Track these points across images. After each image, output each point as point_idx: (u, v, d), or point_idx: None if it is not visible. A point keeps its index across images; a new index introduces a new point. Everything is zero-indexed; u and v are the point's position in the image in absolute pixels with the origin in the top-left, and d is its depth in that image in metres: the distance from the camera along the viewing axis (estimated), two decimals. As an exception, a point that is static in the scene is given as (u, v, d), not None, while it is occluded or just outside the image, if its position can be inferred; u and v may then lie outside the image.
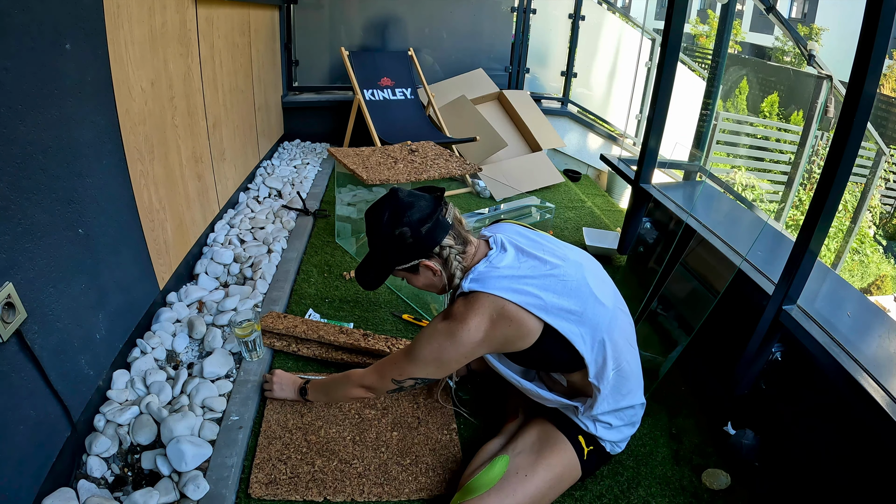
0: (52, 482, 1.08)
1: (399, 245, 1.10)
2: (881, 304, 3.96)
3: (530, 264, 1.12)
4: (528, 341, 1.09)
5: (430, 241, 1.10)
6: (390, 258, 1.13)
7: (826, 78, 3.33)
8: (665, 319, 1.83)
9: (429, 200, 1.12)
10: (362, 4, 3.57)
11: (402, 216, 1.09)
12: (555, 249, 1.17)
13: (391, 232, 1.09)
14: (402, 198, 1.11)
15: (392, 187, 1.16)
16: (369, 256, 1.18)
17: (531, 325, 1.08)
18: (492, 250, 1.15)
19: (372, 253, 1.17)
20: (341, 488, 1.20)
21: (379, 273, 1.17)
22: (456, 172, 2.16)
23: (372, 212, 1.14)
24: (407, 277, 1.18)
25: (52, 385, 1.07)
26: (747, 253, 1.57)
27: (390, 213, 1.10)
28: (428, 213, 1.10)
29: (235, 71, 2.38)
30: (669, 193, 2.06)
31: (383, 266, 1.16)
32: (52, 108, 1.07)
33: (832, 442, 1.30)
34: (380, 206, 1.13)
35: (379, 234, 1.12)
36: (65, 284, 1.13)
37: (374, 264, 1.17)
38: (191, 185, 1.87)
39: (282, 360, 1.59)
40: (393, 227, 1.09)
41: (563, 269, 1.12)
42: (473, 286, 1.09)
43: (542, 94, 4.08)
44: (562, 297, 1.09)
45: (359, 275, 1.20)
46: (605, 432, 1.19)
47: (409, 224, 1.09)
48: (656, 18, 13.89)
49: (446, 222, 1.13)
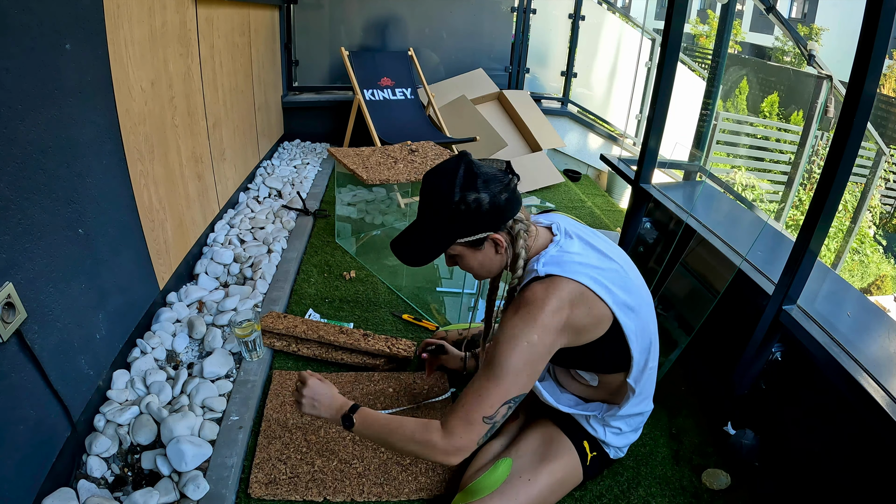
0: (52, 482, 1.08)
1: (472, 213, 0.97)
2: (881, 304, 3.96)
3: (596, 256, 1.05)
4: (596, 334, 1.03)
5: (507, 212, 1.00)
6: (457, 227, 0.99)
7: (826, 78, 3.34)
8: (665, 319, 1.83)
9: (495, 168, 1.02)
10: (362, 4, 3.57)
11: (477, 180, 0.97)
12: (608, 245, 1.11)
13: (465, 196, 0.96)
14: (474, 160, 1.00)
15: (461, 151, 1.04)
16: (422, 225, 1.03)
17: (605, 317, 1.02)
18: (556, 236, 1.06)
19: (428, 221, 1.02)
20: (341, 488, 1.20)
21: (436, 245, 1.03)
22: (456, 172, 2.15)
23: (439, 172, 1.00)
24: (461, 254, 1.04)
25: (52, 385, 1.07)
26: (747, 253, 1.57)
27: (465, 174, 0.97)
28: (506, 182, 0.99)
29: (235, 71, 2.38)
30: (669, 193, 2.06)
31: (444, 236, 1.01)
32: (52, 108, 1.07)
33: (832, 442, 1.30)
34: (450, 166, 0.99)
35: (447, 199, 0.97)
36: (65, 284, 1.13)
37: (429, 234, 1.02)
38: (191, 185, 1.87)
39: (282, 360, 1.59)
40: (468, 190, 0.97)
41: (622, 265, 1.08)
42: (551, 269, 0.99)
43: (542, 94, 4.08)
44: (626, 293, 1.04)
45: (404, 248, 1.05)
46: (612, 438, 1.19)
47: (487, 191, 0.97)
48: (656, 18, 13.89)
49: (519, 195, 1.04)
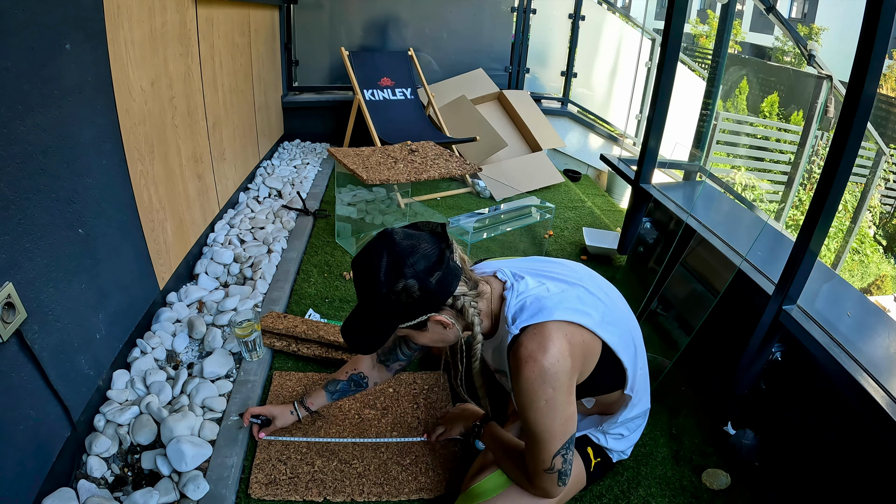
0: (52, 482, 1.08)
1: (404, 301, 0.91)
2: (881, 304, 3.96)
3: (552, 284, 1.01)
4: (593, 363, 1.01)
5: (442, 293, 0.93)
6: (392, 318, 0.94)
7: (826, 78, 3.34)
8: (665, 319, 1.83)
9: (430, 241, 0.93)
10: (362, 4, 3.57)
11: (403, 265, 0.89)
12: (554, 266, 1.09)
13: (393, 287, 0.90)
14: (399, 241, 0.91)
15: (384, 229, 0.95)
16: (361, 316, 0.98)
17: (594, 343, 1.00)
18: (507, 282, 1.02)
19: (365, 312, 0.96)
20: (341, 488, 1.20)
21: (377, 336, 0.97)
22: (456, 172, 2.16)
23: (363, 262, 0.93)
24: (409, 335, 1.00)
25: (52, 385, 1.07)
26: (747, 253, 1.57)
27: (389, 262, 0.90)
28: (435, 258, 0.92)
29: (235, 71, 2.38)
30: (669, 193, 2.06)
31: (384, 324, 0.95)
32: (52, 108, 1.07)
33: (832, 442, 1.30)
34: (372, 253, 0.92)
35: (375, 292, 0.91)
36: (65, 284, 1.13)
37: (369, 326, 0.96)
38: (191, 185, 1.87)
39: (282, 360, 1.59)
40: (394, 280, 0.89)
41: (581, 282, 1.05)
42: (525, 321, 0.95)
43: (542, 94, 4.08)
44: (598, 310, 1.01)
45: (350, 339, 0.99)
46: (615, 443, 1.19)
47: (414, 275, 0.90)
48: (656, 18, 13.89)
49: (456, 266, 0.96)
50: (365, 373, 1.27)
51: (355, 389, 1.28)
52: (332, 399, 1.29)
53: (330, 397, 1.29)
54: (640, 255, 2.21)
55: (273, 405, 1.31)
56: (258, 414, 1.28)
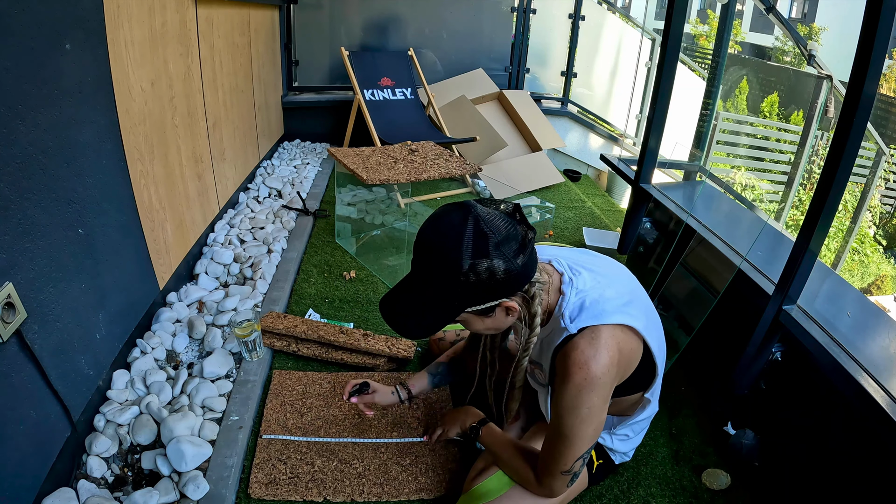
0: (52, 482, 1.08)
1: (484, 283, 0.83)
2: (881, 304, 3.96)
3: (605, 283, 0.98)
4: (634, 366, 0.99)
5: (524, 277, 0.87)
6: (465, 298, 0.85)
7: (826, 78, 3.33)
8: (665, 319, 1.82)
9: (507, 219, 0.85)
10: (362, 4, 3.57)
11: (488, 242, 0.82)
12: (604, 264, 1.06)
13: (475, 265, 0.81)
14: (484, 216, 0.83)
15: (463, 201, 0.87)
16: (422, 293, 0.88)
17: (639, 346, 0.98)
18: (564, 275, 0.98)
19: (429, 289, 0.86)
20: (341, 488, 1.20)
21: (440, 316, 0.88)
22: (456, 172, 2.16)
23: (440, 233, 0.84)
24: (466, 320, 0.91)
25: (52, 385, 1.07)
26: (747, 253, 1.57)
27: (475, 237, 0.82)
28: (520, 240, 0.85)
29: (235, 71, 2.38)
30: (669, 193, 2.06)
31: (449, 307, 0.87)
32: (52, 108, 1.07)
33: (832, 442, 1.30)
34: (454, 225, 0.83)
35: (453, 268, 0.81)
36: (65, 284, 1.13)
37: (431, 304, 0.87)
38: (191, 185, 1.87)
39: (282, 360, 1.59)
40: (479, 257, 0.81)
41: (630, 284, 1.04)
42: (583, 322, 0.91)
43: (542, 94, 4.08)
44: (639, 310, 0.99)
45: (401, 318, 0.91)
46: (619, 444, 1.18)
47: (502, 256, 0.82)
48: (656, 18, 13.89)
49: (535, 252, 0.90)
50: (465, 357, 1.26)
51: (454, 376, 1.27)
52: (433, 383, 1.27)
53: (431, 380, 1.27)
54: (640, 255, 2.21)
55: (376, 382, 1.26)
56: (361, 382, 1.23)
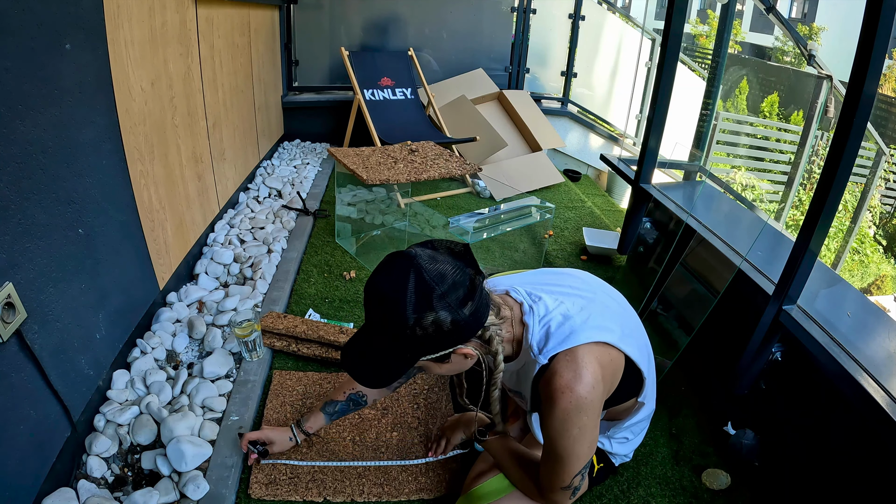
0: (52, 482, 1.08)
1: (431, 335, 0.81)
2: (881, 304, 3.96)
3: (573, 302, 0.96)
4: (618, 380, 0.97)
5: (474, 325, 0.85)
6: (414, 352, 0.85)
7: (826, 78, 3.33)
8: (665, 319, 1.83)
9: (455, 264, 0.84)
10: (362, 4, 3.57)
11: (432, 295, 0.80)
12: (565, 279, 1.05)
13: (421, 320, 0.80)
14: (426, 266, 0.81)
15: (404, 251, 0.85)
16: (374, 347, 0.87)
17: (621, 360, 0.96)
18: (524, 304, 0.96)
19: (381, 344, 0.86)
20: (341, 488, 1.20)
21: (392, 370, 0.88)
22: (456, 172, 2.16)
23: (384, 288, 0.82)
24: (425, 367, 0.90)
25: (52, 385, 1.07)
26: (747, 253, 1.57)
27: (417, 291, 0.80)
28: (467, 286, 0.83)
29: (235, 71, 2.38)
30: (669, 193, 2.06)
31: (403, 359, 0.86)
32: (52, 108, 1.07)
33: (832, 442, 1.30)
34: (396, 279, 0.81)
35: (399, 324, 0.80)
36: (65, 284, 1.13)
37: (383, 359, 0.87)
38: (191, 185, 1.87)
39: (282, 360, 1.59)
40: (423, 312, 0.80)
41: (594, 296, 1.01)
42: (553, 350, 0.90)
43: (542, 94, 4.08)
44: (618, 322, 0.97)
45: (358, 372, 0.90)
46: (619, 447, 1.18)
47: (447, 307, 0.81)
48: (656, 18, 13.88)
49: (486, 295, 0.88)
50: (363, 391, 1.23)
51: (354, 408, 1.24)
52: (330, 420, 1.25)
53: (328, 419, 1.24)
54: (640, 255, 2.21)
55: (269, 429, 1.25)
56: (255, 440, 1.21)
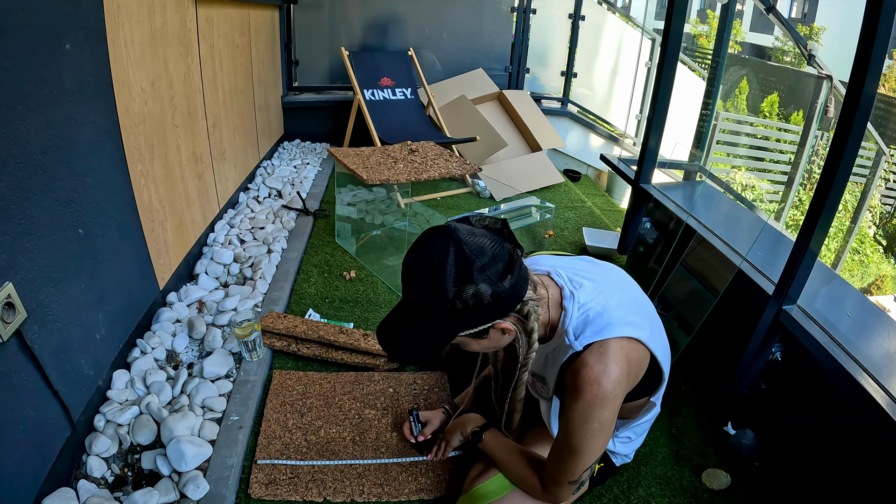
0: (52, 482, 1.08)
1: (472, 308, 0.81)
2: (881, 304, 3.95)
3: (609, 293, 0.96)
4: (640, 377, 0.97)
5: (513, 299, 0.84)
6: (455, 323, 0.84)
7: (826, 78, 3.33)
8: (665, 319, 1.82)
9: (494, 239, 0.84)
10: (362, 4, 3.57)
11: (472, 267, 0.80)
12: (604, 271, 1.04)
13: (462, 293, 0.80)
14: (465, 239, 0.81)
15: (442, 224, 0.84)
16: (413, 322, 0.86)
17: (646, 355, 0.96)
18: (564, 288, 0.95)
19: (420, 319, 0.85)
20: (341, 488, 1.20)
21: (434, 343, 0.87)
22: (456, 172, 2.16)
23: (423, 262, 0.83)
24: (463, 342, 0.90)
25: (52, 385, 1.07)
26: (747, 253, 1.57)
27: (457, 264, 0.80)
28: (506, 260, 0.83)
29: (235, 71, 2.38)
30: (669, 193, 2.06)
31: (441, 334, 0.86)
32: (52, 108, 1.07)
33: (832, 442, 1.30)
34: (435, 252, 0.81)
35: (439, 297, 0.80)
36: (65, 284, 1.13)
37: (423, 332, 0.86)
38: (191, 185, 1.87)
39: (282, 360, 1.59)
40: (464, 285, 0.80)
41: (630, 292, 1.02)
42: (589, 339, 0.90)
43: (542, 94, 4.08)
44: (643, 317, 0.97)
45: (397, 349, 0.90)
46: (621, 447, 1.18)
47: (487, 280, 0.80)
48: (656, 18, 13.87)
49: (525, 269, 0.88)
50: None
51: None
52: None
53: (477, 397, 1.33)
54: (640, 255, 2.21)
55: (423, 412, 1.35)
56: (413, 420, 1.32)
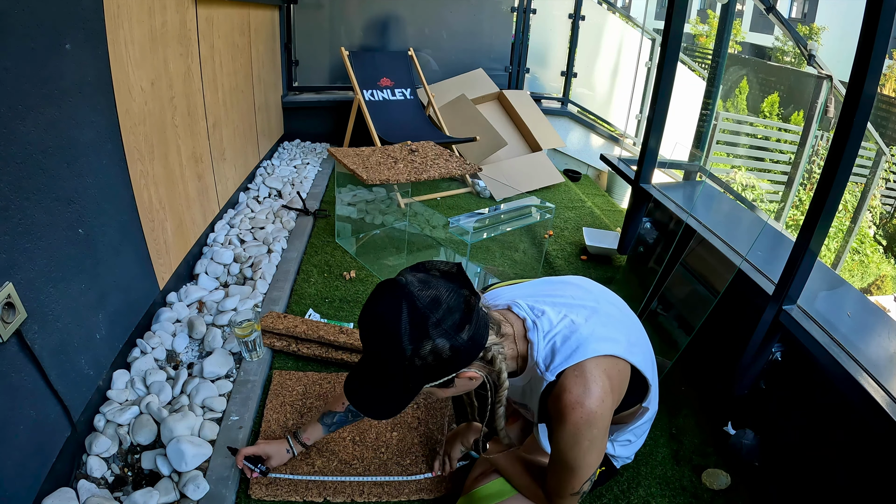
0: (52, 482, 1.08)
1: (431, 364, 0.80)
2: (881, 304, 3.95)
3: (577, 314, 0.95)
4: (625, 390, 0.96)
5: (474, 349, 0.83)
6: (420, 378, 0.83)
7: (826, 78, 3.34)
8: (665, 319, 1.83)
9: (448, 287, 0.82)
10: (362, 4, 3.57)
11: (428, 324, 0.78)
12: (567, 290, 1.03)
13: (419, 351, 0.78)
14: (418, 293, 0.79)
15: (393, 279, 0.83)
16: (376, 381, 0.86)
17: (627, 371, 0.95)
18: (527, 320, 0.95)
19: (381, 377, 0.84)
20: (341, 488, 1.20)
21: (401, 398, 0.86)
22: (456, 172, 2.16)
23: (377, 322, 0.81)
24: (431, 392, 0.89)
25: (52, 385, 1.07)
26: (747, 253, 1.57)
27: (411, 322, 0.78)
28: (462, 310, 0.81)
29: (235, 71, 2.38)
30: (669, 193, 2.06)
31: (406, 390, 0.85)
32: (52, 108, 1.07)
33: (832, 442, 1.30)
34: (388, 311, 0.79)
35: (396, 357, 0.79)
36: (65, 284, 1.13)
37: (388, 392, 0.85)
38: (191, 185, 1.87)
39: (282, 360, 1.59)
40: (420, 342, 0.78)
41: (597, 305, 0.99)
42: (561, 367, 0.89)
43: (542, 94, 4.08)
44: (623, 332, 0.96)
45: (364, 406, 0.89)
46: (622, 450, 1.18)
47: (443, 334, 0.79)
48: (656, 18, 13.87)
49: (484, 315, 0.86)
50: None
51: (353, 419, 1.22)
52: (328, 432, 1.23)
53: (326, 430, 1.22)
54: (640, 255, 2.21)
55: (265, 443, 1.22)
56: (252, 455, 1.19)
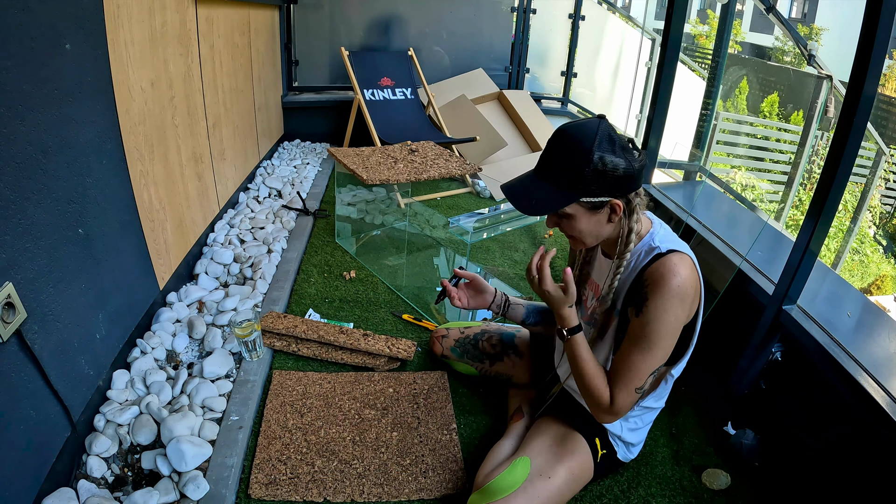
0: (52, 482, 1.08)
1: (604, 176, 0.96)
2: (881, 304, 3.95)
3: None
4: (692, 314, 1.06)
5: (634, 183, 0.99)
6: (585, 186, 0.97)
7: (826, 78, 3.34)
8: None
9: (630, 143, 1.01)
10: (362, 4, 3.57)
11: (615, 145, 0.96)
12: None
13: (603, 157, 0.95)
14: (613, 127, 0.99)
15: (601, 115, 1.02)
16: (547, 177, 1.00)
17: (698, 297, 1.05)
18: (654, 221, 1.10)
19: (555, 174, 0.99)
20: (341, 489, 1.20)
21: (559, 198, 0.99)
22: (456, 172, 2.16)
23: (578, 130, 0.97)
24: (574, 214, 1.01)
25: (52, 385, 1.07)
26: (747, 253, 1.57)
27: (605, 136, 0.95)
28: (639, 154, 0.99)
29: (235, 71, 2.38)
30: (669, 193, 2.06)
31: (569, 191, 0.98)
32: (52, 108, 1.07)
33: (832, 442, 1.30)
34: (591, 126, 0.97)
35: (585, 156, 0.95)
36: (65, 284, 1.13)
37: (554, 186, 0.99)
38: (191, 185, 1.87)
39: (282, 360, 1.59)
40: (606, 152, 0.95)
41: None
42: (672, 245, 1.03)
43: (543, 94, 4.09)
44: None
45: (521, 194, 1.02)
46: (629, 434, 1.19)
47: (624, 157, 0.96)
48: (656, 18, 13.87)
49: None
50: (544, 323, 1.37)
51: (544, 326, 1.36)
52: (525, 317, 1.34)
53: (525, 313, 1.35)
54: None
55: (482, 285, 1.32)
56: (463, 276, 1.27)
